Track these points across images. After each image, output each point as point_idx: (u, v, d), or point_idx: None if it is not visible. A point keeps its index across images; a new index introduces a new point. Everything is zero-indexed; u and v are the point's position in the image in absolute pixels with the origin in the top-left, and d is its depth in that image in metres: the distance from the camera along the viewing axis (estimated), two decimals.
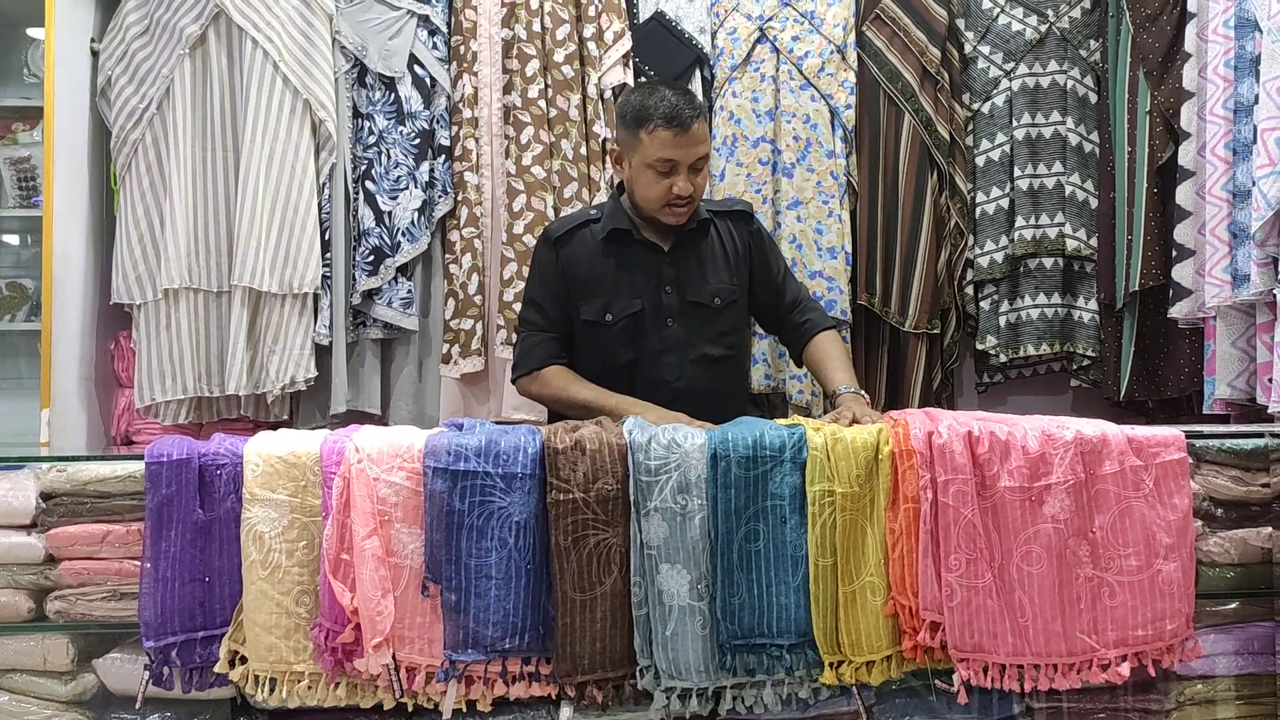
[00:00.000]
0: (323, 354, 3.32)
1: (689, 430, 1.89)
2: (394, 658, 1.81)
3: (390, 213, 3.33)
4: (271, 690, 1.84)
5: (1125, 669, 1.85)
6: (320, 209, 3.31)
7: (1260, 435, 2.01)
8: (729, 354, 2.52)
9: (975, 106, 3.55)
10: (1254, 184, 2.57)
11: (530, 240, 3.26)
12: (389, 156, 3.34)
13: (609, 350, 2.44)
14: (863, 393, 2.34)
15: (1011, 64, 3.49)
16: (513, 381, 2.54)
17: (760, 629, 1.83)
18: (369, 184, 3.35)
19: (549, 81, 3.38)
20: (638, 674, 1.84)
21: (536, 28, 3.38)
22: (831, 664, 1.84)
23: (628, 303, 2.44)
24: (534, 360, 2.47)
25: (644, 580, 1.83)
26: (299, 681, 1.84)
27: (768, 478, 1.85)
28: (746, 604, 1.83)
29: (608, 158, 2.52)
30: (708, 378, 2.47)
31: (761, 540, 1.84)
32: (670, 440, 1.85)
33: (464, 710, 1.86)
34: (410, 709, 1.87)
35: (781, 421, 1.96)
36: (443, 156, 3.38)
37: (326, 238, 3.31)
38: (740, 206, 2.63)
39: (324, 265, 3.29)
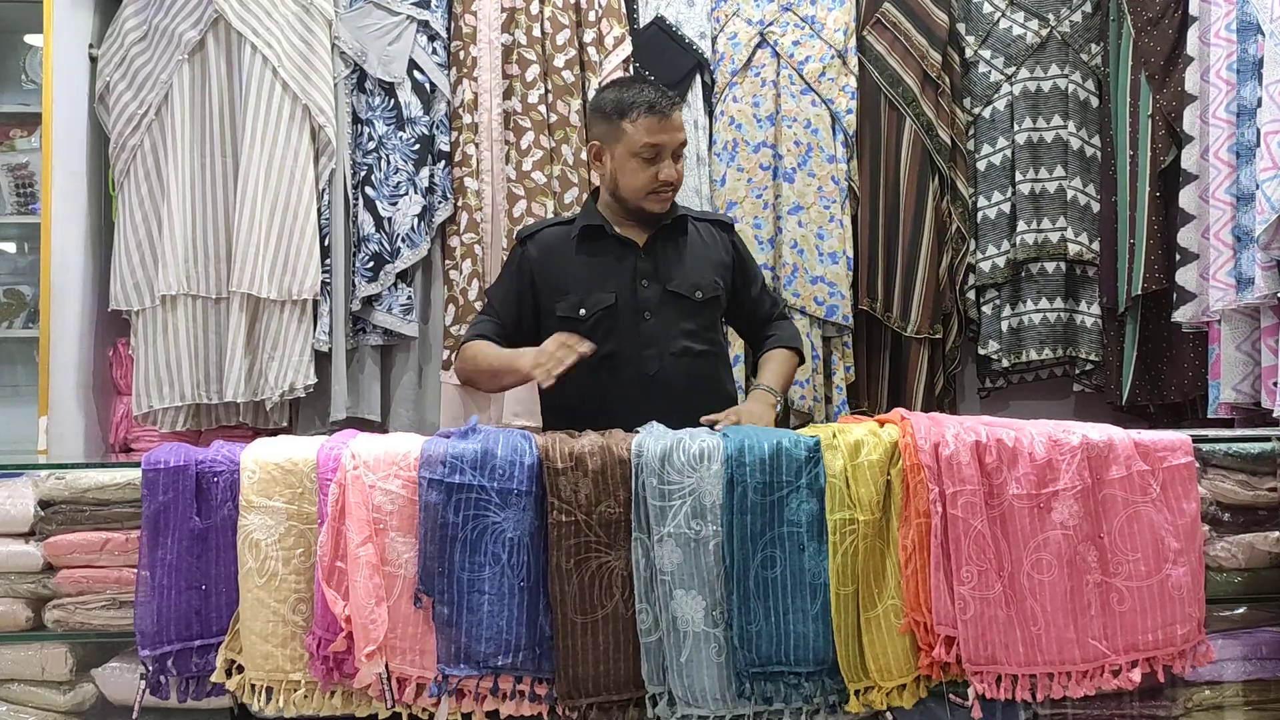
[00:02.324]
0: (322, 360, 3.31)
1: (702, 449, 1.85)
2: (386, 667, 1.79)
3: (390, 218, 3.32)
4: (268, 699, 1.83)
5: (1137, 674, 1.84)
6: (319, 215, 3.29)
7: (1267, 439, 2.00)
8: (711, 349, 2.53)
9: (976, 111, 3.54)
10: (1258, 187, 2.56)
11: None
12: (388, 162, 3.33)
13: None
14: (774, 393, 2.43)
15: (1012, 68, 3.48)
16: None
17: (778, 657, 1.81)
18: (368, 190, 3.34)
19: (549, 87, 3.37)
20: (649, 701, 1.83)
21: (536, 33, 3.37)
22: (856, 691, 1.82)
23: (601, 296, 2.44)
24: (465, 338, 2.51)
25: (655, 606, 1.81)
26: (295, 690, 1.83)
27: (784, 504, 1.83)
28: (764, 632, 1.81)
29: (591, 158, 2.55)
30: (689, 371, 2.47)
31: (779, 567, 1.82)
32: (684, 464, 1.83)
33: None
34: (405, 719, 1.85)
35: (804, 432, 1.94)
36: (442, 162, 3.37)
37: (326, 244, 3.30)
38: (722, 218, 2.69)
39: (323, 271, 3.28)
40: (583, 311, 2.44)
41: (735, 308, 2.63)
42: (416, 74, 3.35)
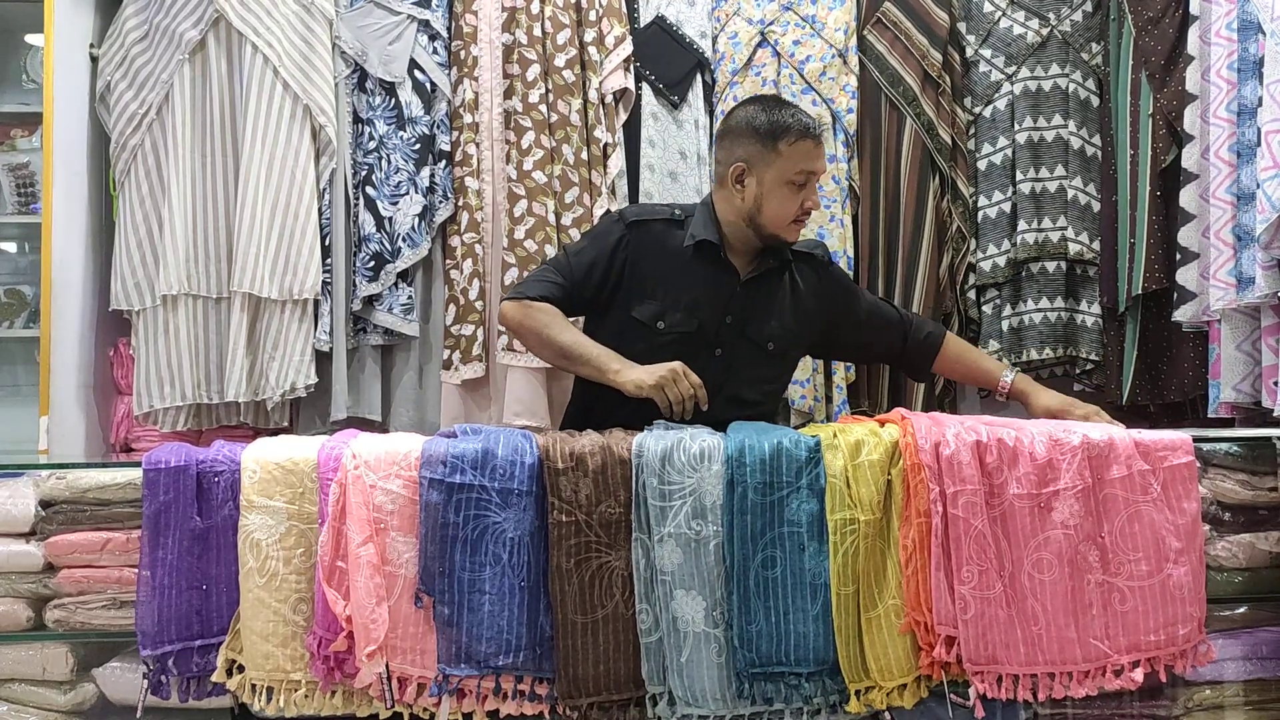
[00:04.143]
0: (323, 360, 3.31)
1: (702, 449, 1.85)
2: (387, 667, 1.79)
3: (391, 218, 3.32)
4: (269, 699, 1.83)
5: (1138, 674, 1.84)
6: (320, 214, 3.29)
7: (1268, 438, 2.00)
8: (761, 401, 2.44)
9: (977, 110, 3.53)
10: (1258, 186, 2.56)
11: (531, 245, 3.25)
12: (389, 162, 3.33)
13: (648, 357, 2.27)
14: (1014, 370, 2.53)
15: (1013, 68, 3.48)
16: (502, 301, 2.44)
17: (778, 657, 1.81)
18: (369, 189, 3.34)
19: (550, 86, 3.37)
20: (649, 701, 1.83)
21: (537, 32, 3.37)
22: (857, 691, 1.82)
23: (684, 319, 2.35)
24: (532, 290, 2.38)
25: (655, 606, 1.81)
26: (296, 690, 1.83)
27: (784, 504, 1.83)
28: (764, 631, 1.81)
29: (729, 175, 2.37)
30: (733, 419, 2.27)
31: (779, 567, 1.82)
32: (684, 464, 1.83)
33: None
34: (406, 719, 1.85)
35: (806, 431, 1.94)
36: (443, 162, 3.37)
37: (327, 243, 3.30)
38: (815, 250, 2.58)
39: (324, 271, 3.28)
40: (662, 325, 2.35)
41: (850, 337, 2.57)
42: (417, 73, 3.35)
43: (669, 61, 3.44)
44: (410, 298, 3.35)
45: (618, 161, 3.41)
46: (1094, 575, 1.85)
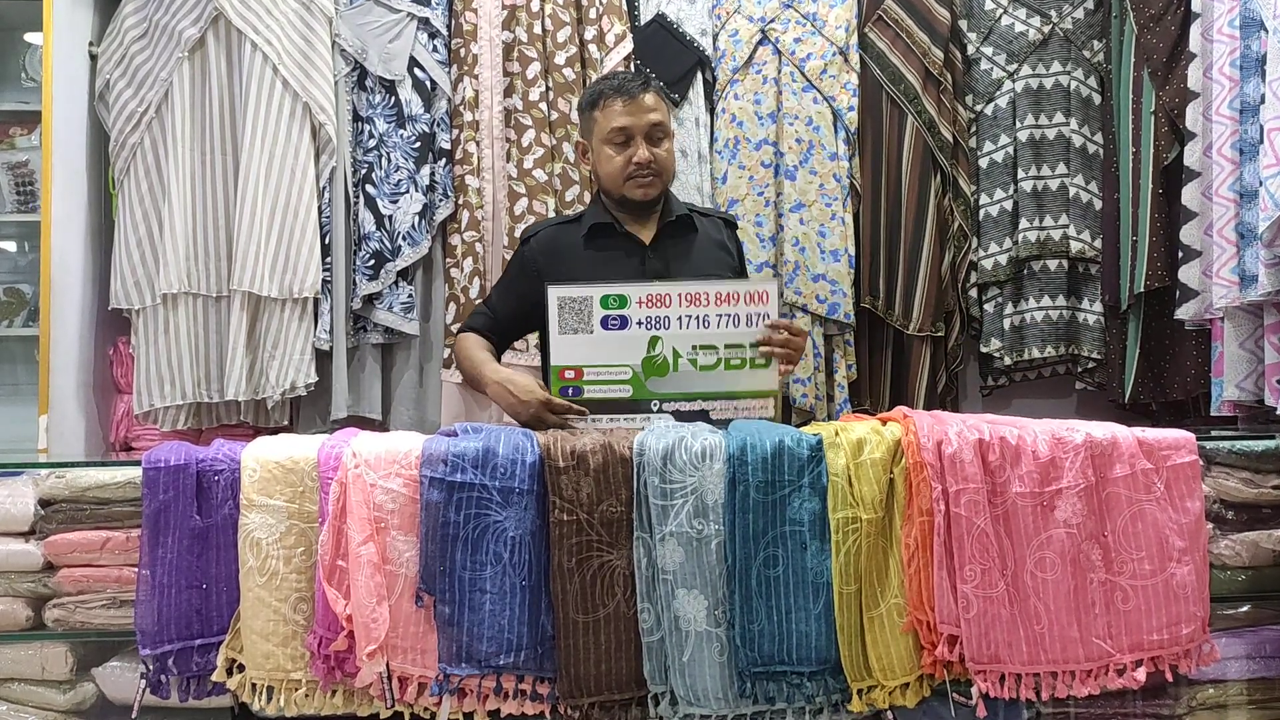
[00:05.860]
0: (323, 359, 3.31)
1: (704, 447, 1.84)
2: (387, 666, 1.78)
3: (391, 217, 3.31)
4: (269, 698, 1.82)
5: (1141, 674, 1.83)
6: (320, 213, 3.29)
7: (1271, 436, 2.00)
8: None
9: (978, 108, 3.53)
10: (1261, 184, 2.55)
11: None
12: (389, 160, 3.33)
13: None
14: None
15: (1014, 65, 3.47)
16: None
17: (780, 657, 1.80)
18: (369, 188, 3.33)
19: (550, 84, 3.37)
20: (650, 700, 1.82)
21: (537, 30, 3.37)
22: (859, 690, 1.81)
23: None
24: (464, 325, 2.58)
25: (657, 606, 1.81)
26: (297, 689, 1.82)
27: (786, 503, 1.82)
28: (766, 631, 1.80)
29: (579, 157, 2.60)
30: None
31: (781, 566, 1.81)
32: (686, 463, 1.82)
33: None
34: (407, 718, 1.85)
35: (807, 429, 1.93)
36: (443, 160, 3.37)
37: (327, 242, 3.30)
38: (725, 215, 2.71)
39: (324, 270, 3.28)
40: None
41: None
42: (417, 71, 3.34)
43: (669, 59, 3.44)
44: (410, 296, 3.34)
45: None
46: (1097, 574, 1.84)
